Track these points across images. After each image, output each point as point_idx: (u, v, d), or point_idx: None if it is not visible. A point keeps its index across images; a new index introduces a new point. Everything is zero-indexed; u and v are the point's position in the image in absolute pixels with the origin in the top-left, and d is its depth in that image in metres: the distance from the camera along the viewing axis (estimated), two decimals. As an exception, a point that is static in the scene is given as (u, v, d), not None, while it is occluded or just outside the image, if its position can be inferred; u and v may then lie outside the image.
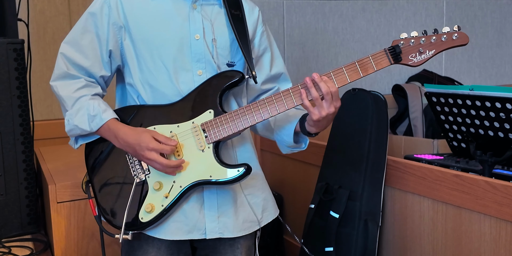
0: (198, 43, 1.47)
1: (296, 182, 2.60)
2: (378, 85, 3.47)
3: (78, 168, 2.06)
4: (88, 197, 1.51)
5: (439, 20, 3.76)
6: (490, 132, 1.93)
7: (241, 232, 1.52)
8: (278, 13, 3.16)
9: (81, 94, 1.46)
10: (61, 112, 1.50)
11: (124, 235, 1.43)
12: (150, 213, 1.43)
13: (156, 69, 1.47)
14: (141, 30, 1.47)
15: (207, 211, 1.47)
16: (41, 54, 2.62)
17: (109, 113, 1.44)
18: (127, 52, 1.48)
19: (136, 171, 1.46)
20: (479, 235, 1.68)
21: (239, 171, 1.40)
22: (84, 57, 1.47)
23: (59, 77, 1.48)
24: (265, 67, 1.59)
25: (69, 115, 1.46)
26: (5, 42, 1.93)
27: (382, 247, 2.05)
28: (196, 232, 1.47)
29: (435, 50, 1.37)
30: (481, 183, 1.66)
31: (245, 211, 1.52)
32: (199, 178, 1.42)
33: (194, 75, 1.47)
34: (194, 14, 1.48)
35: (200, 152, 1.43)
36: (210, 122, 1.42)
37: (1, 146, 1.93)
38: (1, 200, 1.94)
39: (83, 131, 1.45)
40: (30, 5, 2.47)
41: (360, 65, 1.36)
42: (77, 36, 1.49)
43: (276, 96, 1.41)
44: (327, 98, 1.34)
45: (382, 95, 2.09)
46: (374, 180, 2.01)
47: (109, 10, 1.46)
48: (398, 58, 1.36)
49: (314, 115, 1.36)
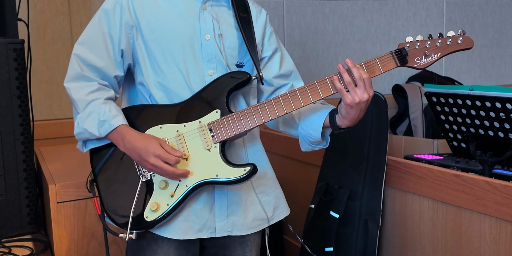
0: (209, 43, 1.48)
1: (296, 182, 2.60)
2: (378, 85, 3.47)
3: (78, 168, 2.06)
4: (92, 196, 1.50)
5: (439, 20, 3.76)
6: (490, 132, 1.93)
7: (249, 230, 1.54)
8: (278, 13, 3.16)
9: (94, 97, 1.45)
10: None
11: (129, 234, 1.43)
12: (156, 212, 1.43)
13: (168, 69, 1.47)
14: (152, 30, 1.47)
15: (217, 210, 1.49)
16: (41, 54, 2.62)
17: (119, 119, 1.43)
18: (139, 51, 1.48)
19: (142, 170, 1.46)
20: (479, 235, 1.68)
21: (245, 171, 1.40)
22: (98, 58, 1.47)
23: (73, 78, 1.47)
24: (276, 66, 1.60)
25: (80, 118, 1.45)
26: (5, 42, 1.93)
27: (382, 247, 2.05)
28: (206, 230, 1.49)
29: (441, 53, 1.40)
30: (481, 183, 1.66)
31: (255, 209, 1.54)
32: (205, 177, 1.42)
33: (205, 75, 1.48)
34: (204, 14, 1.49)
35: (207, 151, 1.43)
36: (216, 122, 1.43)
37: (1, 146, 1.93)
38: (1, 200, 1.94)
39: (92, 135, 1.44)
40: (30, 5, 2.47)
41: (367, 67, 1.39)
42: (90, 37, 1.48)
43: (283, 96, 1.42)
44: (360, 84, 1.35)
45: (382, 95, 2.10)
46: (374, 180, 2.00)
47: (121, 10, 1.46)
48: (404, 61, 1.39)
49: (347, 99, 1.36)
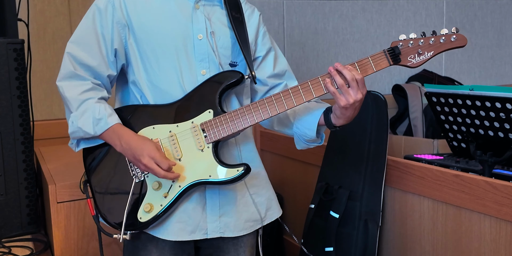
0: (201, 43, 1.47)
1: (296, 182, 2.60)
2: (378, 85, 3.47)
3: (78, 168, 2.06)
4: (86, 197, 1.50)
5: (439, 20, 3.76)
6: (490, 132, 1.93)
7: (242, 231, 1.52)
8: (278, 13, 3.15)
9: (87, 96, 1.44)
10: (61, 112, 1.50)
11: (123, 235, 1.43)
12: (149, 213, 1.43)
13: (160, 69, 1.46)
14: (144, 30, 1.46)
15: (209, 211, 1.48)
16: (41, 54, 2.62)
17: (114, 117, 1.43)
18: (131, 51, 1.48)
19: (135, 171, 1.45)
20: (479, 235, 1.68)
21: (238, 171, 1.40)
22: (91, 57, 1.46)
23: (65, 77, 1.46)
24: (270, 65, 1.60)
25: (74, 117, 1.43)
26: (5, 42, 1.93)
27: (382, 247, 2.05)
28: (198, 232, 1.48)
29: (434, 52, 1.38)
30: (481, 183, 1.66)
31: (249, 210, 1.53)
32: (198, 178, 1.42)
33: (198, 75, 1.47)
34: (197, 14, 1.49)
35: (200, 152, 1.43)
36: (209, 122, 1.42)
37: (1, 146, 1.93)
38: (1, 200, 1.94)
39: (86, 134, 1.43)
40: (30, 5, 2.47)
41: (360, 66, 1.38)
42: (83, 36, 1.47)
43: (275, 96, 1.41)
44: (353, 85, 1.35)
45: (382, 95, 2.09)
46: (374, 180, 2.00)
47: (113, 9, 1.46)
48: (397, 59, 1.38)
49: (341, 101, 1.36)
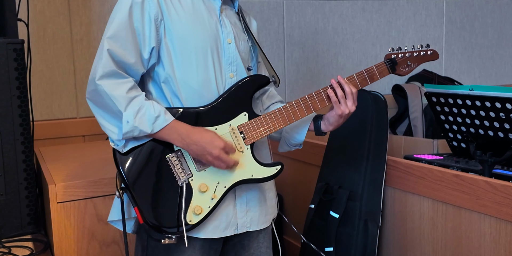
0: (230, 47, 1.51)
1: (296, 182, 2.60)
2: (378, 85, 3.46)
3: (78, 168, 2.06)
4: (121, 201, 1.48)
5: (439, 20, 3.76)
6: (490, 132, 1.93)
7: (263, 224, 1.61)
8: (278, 13, 3.16)
9: (134, 94, 1.41)
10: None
11: (169, 240, 1.43)
12: (199, 215, 1.46)
13: (194, 69, 1.47)
14: (178, 28, 1.46)
15: (239, 208, 1.55)
16: (41, 54, 2.62)
17: (169, 114, 1.42)
18: (165, 49, 1.46)
19: (179, 175, 1.45)
20: (479, 235, 1.68)
21: (277, 169, 1.52)
22: (128, 54, 1.42)
23: (106, 75, 1.40)
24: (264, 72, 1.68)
25: (128, 116, 1.38)
26: (5, 42, 1.92)
27: (382, 247, 2.05)
28: (230, 228, 1.54)
29: (417, 63, 1.66)
30: (481, 183, 1.66)
31: (266, 204, 1.62)
32: (242, 177, 1.49)
33: (227, 78, 1.51)
34: (223, 17, 1.52)
35: (240, 153, 1.49)
36: (246, 124, 1.49)
37: (1, 146, 1.92)
38: (1, 200, 1.94)
39: (142, 132, 1.39)
40: (30, 5, 2.47)
41: (368, 74, 1.58)
42: (119, 31, 1.42)
43: (303, 99, 1.52)
44: (350, 97, 1.51)
45: (382, 95, 2.10)
46: (374, 180, 2.01)
47: (151, 3, 1.43)
48: (393, 69, 1.62)
49: (339, 110, 1.52)
